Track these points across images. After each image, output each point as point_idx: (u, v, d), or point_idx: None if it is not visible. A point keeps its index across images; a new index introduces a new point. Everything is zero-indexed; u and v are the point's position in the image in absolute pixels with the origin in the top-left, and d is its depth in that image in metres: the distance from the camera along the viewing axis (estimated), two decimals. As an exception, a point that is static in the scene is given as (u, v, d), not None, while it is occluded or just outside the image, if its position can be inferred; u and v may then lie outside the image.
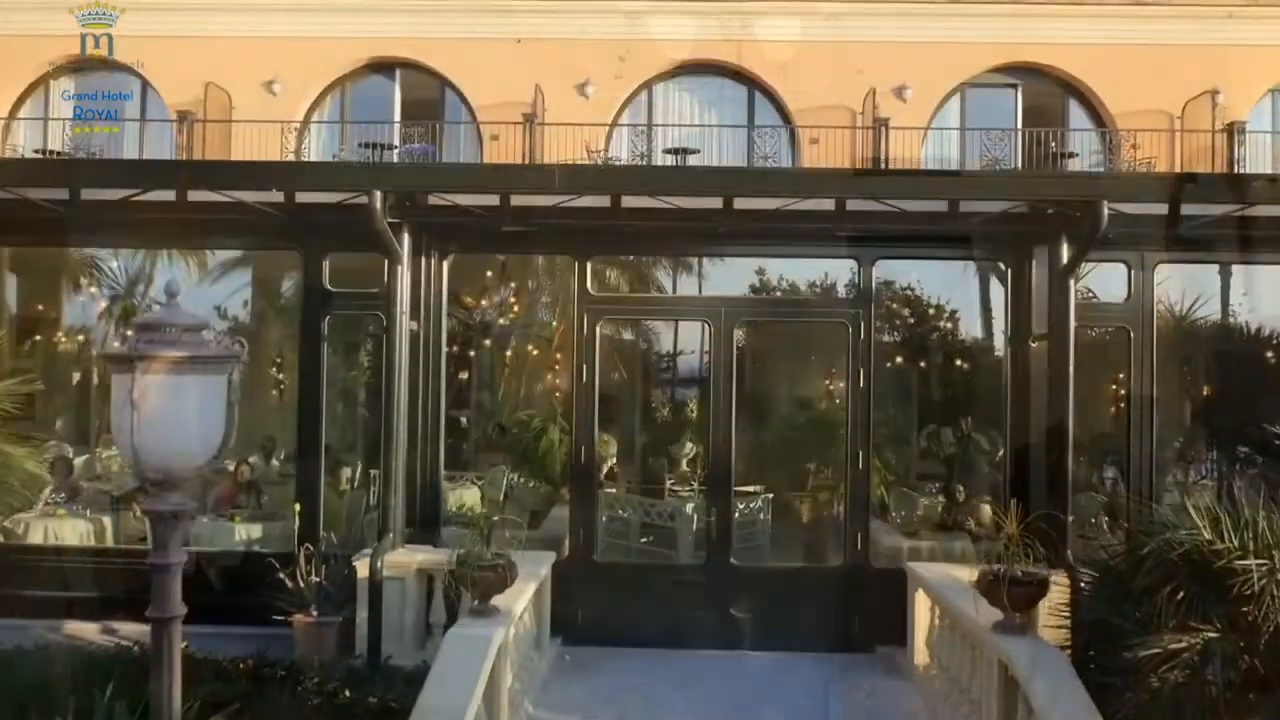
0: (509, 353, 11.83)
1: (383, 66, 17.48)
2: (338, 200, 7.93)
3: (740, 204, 8.13)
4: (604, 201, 8.04)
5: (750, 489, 9.71)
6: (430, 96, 17.46)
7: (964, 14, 16.74)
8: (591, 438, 8.60)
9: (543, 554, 8.09)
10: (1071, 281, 7.79)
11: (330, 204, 8.06)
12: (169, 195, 8.35)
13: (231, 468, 10.66)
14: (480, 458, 15.01)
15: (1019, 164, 16.26)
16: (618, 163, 16.34)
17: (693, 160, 16.31)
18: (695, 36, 16.78)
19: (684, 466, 12.69)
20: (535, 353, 11.73)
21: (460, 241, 8.61)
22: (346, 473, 11.21)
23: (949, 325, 10.24)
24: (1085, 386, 8.47)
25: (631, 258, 9.15)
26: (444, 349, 8.67)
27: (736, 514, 8.98)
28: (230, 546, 9.07)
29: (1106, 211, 7.22)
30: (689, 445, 12.74)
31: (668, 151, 16.31)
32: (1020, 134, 16.24)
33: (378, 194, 7.28)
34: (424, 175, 7.31)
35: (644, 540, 11.63)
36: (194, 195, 8.10)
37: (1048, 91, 17.33)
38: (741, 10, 16.77)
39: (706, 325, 8.56)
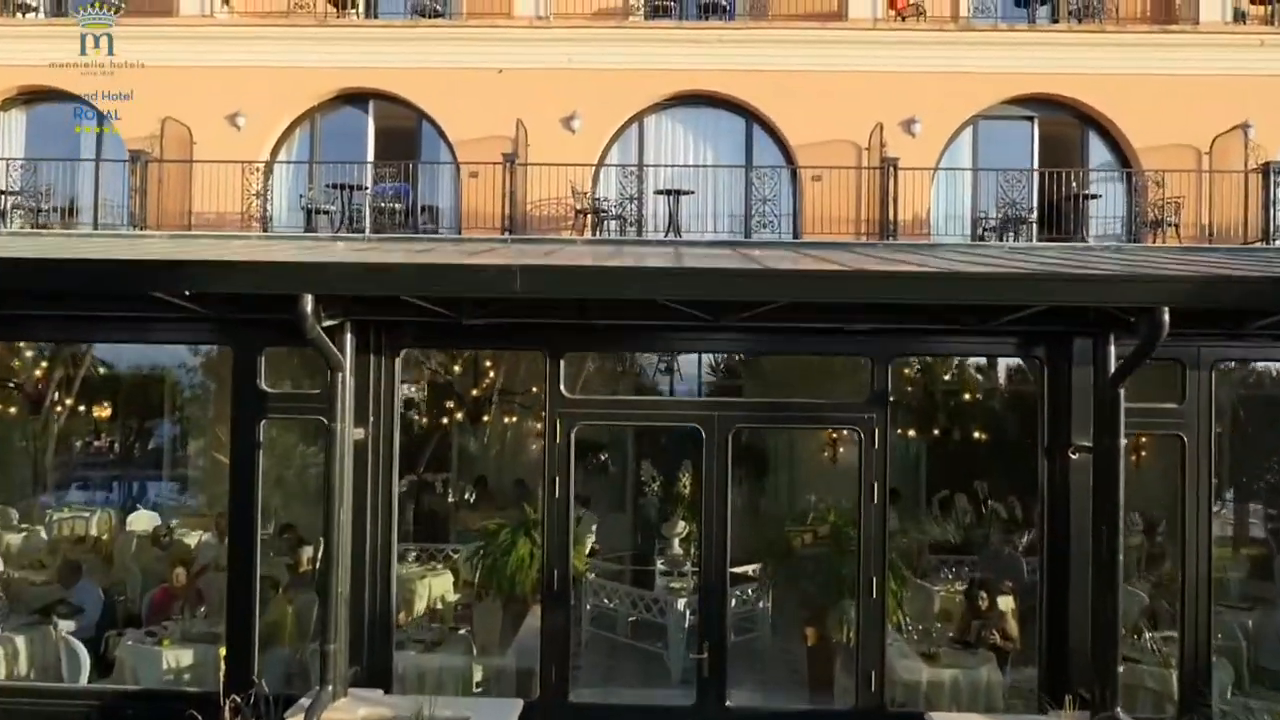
0: (476, 452, 10.79)
1: (355, 97, 16.35)
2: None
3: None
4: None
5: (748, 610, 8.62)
6: (406, 126, 16.36)
7: (976, 42, 15.64)
8: (566, 560, 7.48)
9: (507, 703, 7.00)
10: (1121, 391, 6.68)
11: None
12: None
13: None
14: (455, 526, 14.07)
15: (1035, 200, 15.23)
16: (605, 204, 15.28)
17: (686, 202, 15.27)
18: (689, 66, 15.67)
19: (676, 547, 11.61)
20: (505, 453, 10.68)
21: (417, 336, 7.52)
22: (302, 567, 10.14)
23: (975, 429, 9.12)
24: (1129, 499, 7.33)
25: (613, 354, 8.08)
26: (395, 458, 7.55)
27: (730, 640, 7.88)
28: (156, 681, 7.94)
29: (1168, 319, 6.12)
30: (681, 524, 11.65)
31: (659, 193, 15.23)
32: (1037, 174, 15.12)
33: (308, 298, 6.16)
34: (363, 276, 6.15)
35: (629, 636, 10.59)
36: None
37: (1066, 123, 16.23)
38: (739, 39, 15.66)
39: (699, 432, 7.45)
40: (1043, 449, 7.52)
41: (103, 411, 16.16)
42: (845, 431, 8.76)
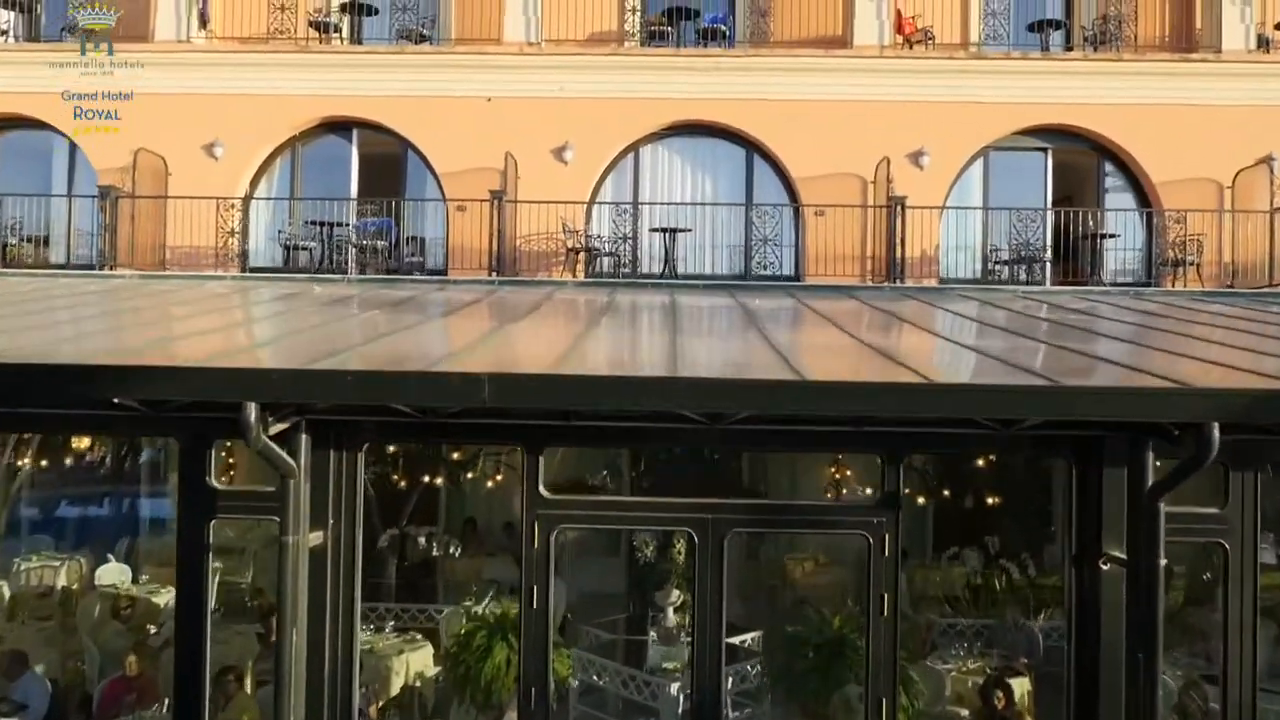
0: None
1: (338, 125, 15.66)
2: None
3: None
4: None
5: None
6: (392, 153, 15.66)
7: (987, 71, 14.94)
8: (545, 676, 6.80)
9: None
10: (1161, 506, 5.99)
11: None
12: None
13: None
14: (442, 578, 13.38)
15: (1048, 240, 14.54)
16: (596, 241, 14.59)
17: (685, 236, 14.60)
18: (687, 95, 14.97)
19: (671, 616, 10.92)
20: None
21: (380, 431, 6.84)
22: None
23: (994, 535, 8.42)
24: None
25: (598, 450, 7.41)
26: (358, 563, 6.87)
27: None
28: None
29: (1219, 436, 5.44)
30: (676, 592, 10.97)
31: (655, 230, 14.55)
32: (1051, 213, 14.42)
33: (253, 407, 5.48)
34: (312, 385, 5.46)
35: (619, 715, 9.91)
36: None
37: (1081, 154, 15.52)
38: (738, 67, 14.96)
39: (691, 536, 6.77)
40: (1070, 556, 6.82)
41: (81, 443, 15.49)
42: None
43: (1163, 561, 6.03)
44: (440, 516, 13.62)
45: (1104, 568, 6.62)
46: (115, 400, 5.64)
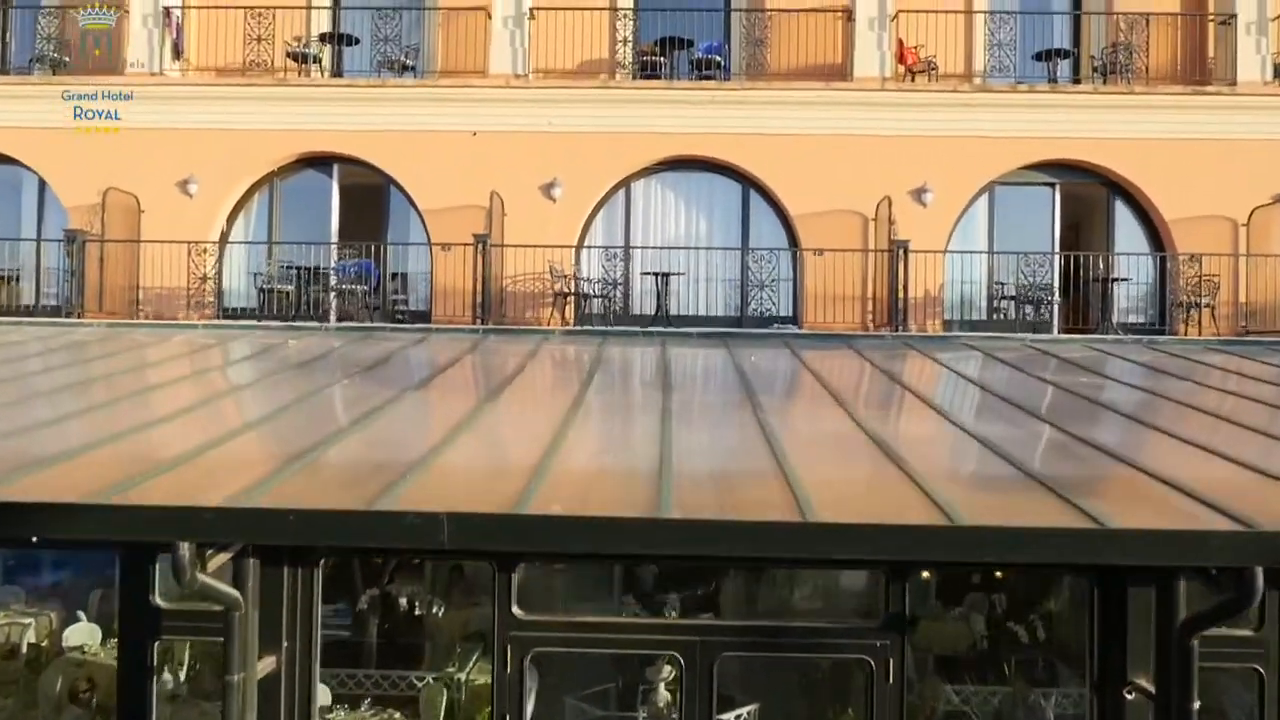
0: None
1: (318, 160, 15.07)
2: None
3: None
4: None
5: None
6: (374, 187, 15.06)
7: (992, 104, 14.36)
8: (519, 811, 6.23)
9: None
10: (1195, 642, 5.42)
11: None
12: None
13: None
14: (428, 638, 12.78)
15: (1056, 281, 13.96)
16: (586, 283, 14.01)
17: (677, 281, 14.03)
18: (680, 130, 14.39)
19: (662, 692, 10.34)
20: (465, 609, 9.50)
21: (340, 549, 6.27)
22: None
23: (1007, 656, 7.82)
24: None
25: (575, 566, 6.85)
26: (314, 687, 6.29)
27: None
28: None
29: (1262, 582, 4.88)
30: (668, 667, 10.39)
31: (646, 274, 13.98)
32: (1059, 257, 13.83)
33: (186, 547, 4.91)
34: (249, 524, 4.90)
35: None
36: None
37: (1091, 189, 14.95)
38: (734, 100, 14.38)
39: (678, 660, 6.20)
40: (1091, 683, 6.25)
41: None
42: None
43: (1196, 704, 5.47)
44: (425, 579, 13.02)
45: (1128, 697, 6.06)
46: (33, 540, 5.07)
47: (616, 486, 6.09)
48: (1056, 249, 14.69)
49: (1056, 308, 13.74)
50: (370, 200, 15.12)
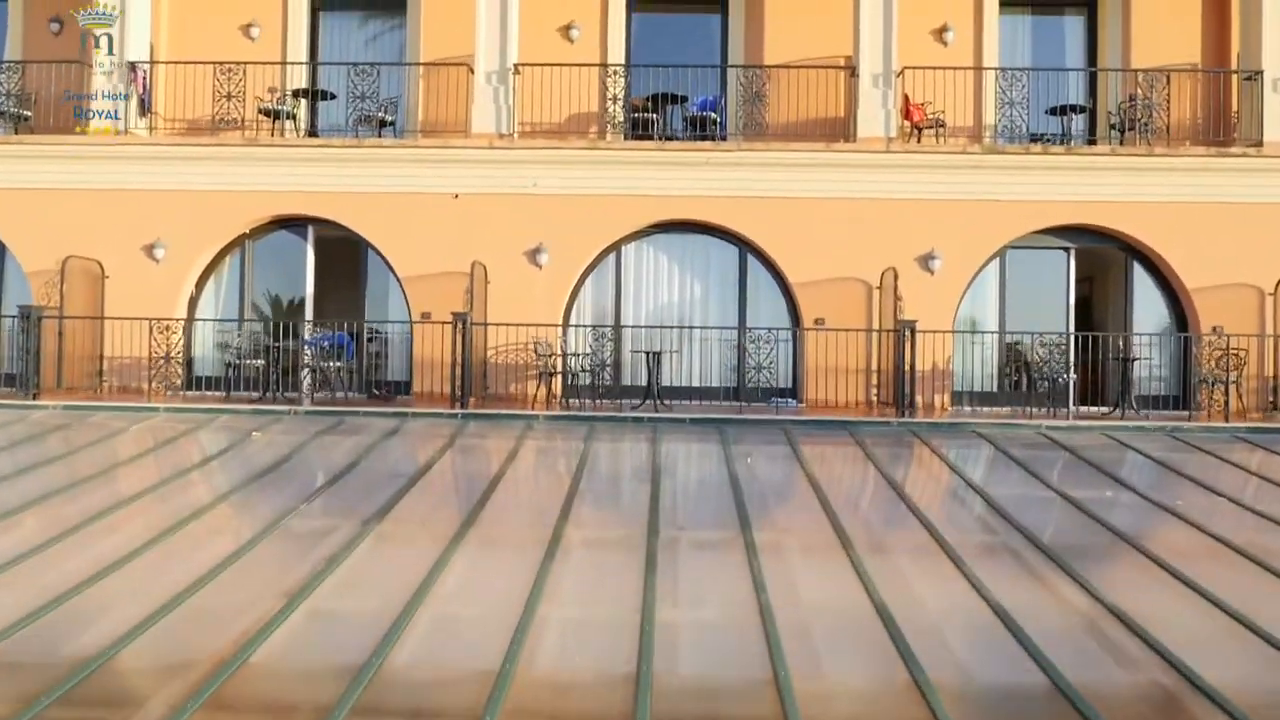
0: None
1: (292, 220, 14.30)
2: None
3: None
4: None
5: None
6: (351, 246, 14.26)
7: (1004, 166, 13.57)
8: None
9: None
10: None
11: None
12: None
13: None
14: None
15: (1072, 357, 13.17)
16: (574, 357, 13.23)
17: (669, 361, 13.25)
18: (673, 192, 13.62)
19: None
20: None
21: None
22: None
23: None
24: None
25: None
26: None
27: None
28: None
29: None
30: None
31: (637, 352, 13.20)
32: (1074, 339, 13.01)
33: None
34: None
35: None
36: None
37: (1107, 253, 14.17)
38: (730, 161, 13.60)
39: None
40: None
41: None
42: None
43: None
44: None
45: None
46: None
47: (585, 698, 5.33)
48: (1071, 314, 13.94)
49: (1073, 384, 12.94)
50: (348, 260, 14.37)
